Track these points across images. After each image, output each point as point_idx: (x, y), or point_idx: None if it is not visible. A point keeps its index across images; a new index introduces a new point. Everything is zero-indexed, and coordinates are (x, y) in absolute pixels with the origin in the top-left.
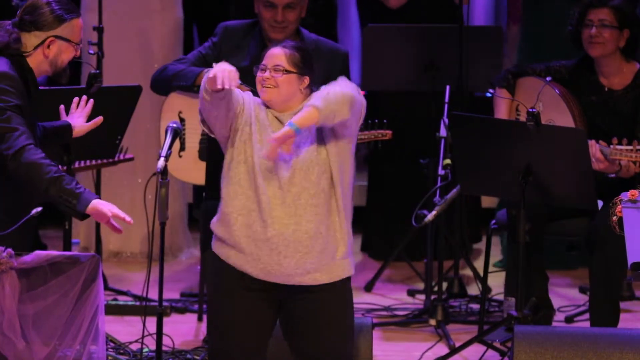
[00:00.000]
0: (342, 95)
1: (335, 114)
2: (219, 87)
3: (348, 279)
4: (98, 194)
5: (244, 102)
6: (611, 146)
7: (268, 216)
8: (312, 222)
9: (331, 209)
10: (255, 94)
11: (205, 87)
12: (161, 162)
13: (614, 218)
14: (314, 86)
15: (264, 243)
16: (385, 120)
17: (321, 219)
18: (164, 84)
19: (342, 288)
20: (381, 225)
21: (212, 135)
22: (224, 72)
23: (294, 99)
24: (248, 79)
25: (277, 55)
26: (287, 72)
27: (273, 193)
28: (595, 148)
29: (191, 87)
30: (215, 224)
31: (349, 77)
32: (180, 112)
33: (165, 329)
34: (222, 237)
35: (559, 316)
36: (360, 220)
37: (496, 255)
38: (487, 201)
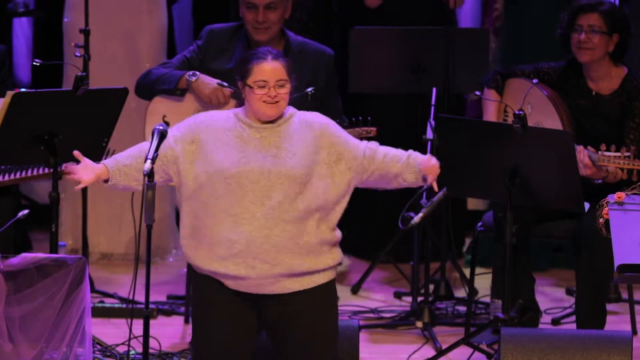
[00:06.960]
0: None
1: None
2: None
3: (332, 281)
4: (85, 196)
5: (173, 154)
6: (599, 152)
7: (235, 233)
8: (281, 237)
9: (307, 229)
10: (238, 95)
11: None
12: (148, 165)
13: (601, 220)
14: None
15: (232, 258)
16: (369, 118)
17: (291, 235)
18: (147, 88)
19: (323, 291)
20: (368, 228)
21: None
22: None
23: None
24: (232, 81)
25: (277, 69)
26: (288, 82)
27: (245, 207)
28: (583, 154)
29: (173, 91)
30: (183, 242)
31: (334, 79)
32: (164, 116)
33: (152, 332)
34: (190, 254)
35: (545, 318)
36: (347, 222)
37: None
38: (473, 203)
